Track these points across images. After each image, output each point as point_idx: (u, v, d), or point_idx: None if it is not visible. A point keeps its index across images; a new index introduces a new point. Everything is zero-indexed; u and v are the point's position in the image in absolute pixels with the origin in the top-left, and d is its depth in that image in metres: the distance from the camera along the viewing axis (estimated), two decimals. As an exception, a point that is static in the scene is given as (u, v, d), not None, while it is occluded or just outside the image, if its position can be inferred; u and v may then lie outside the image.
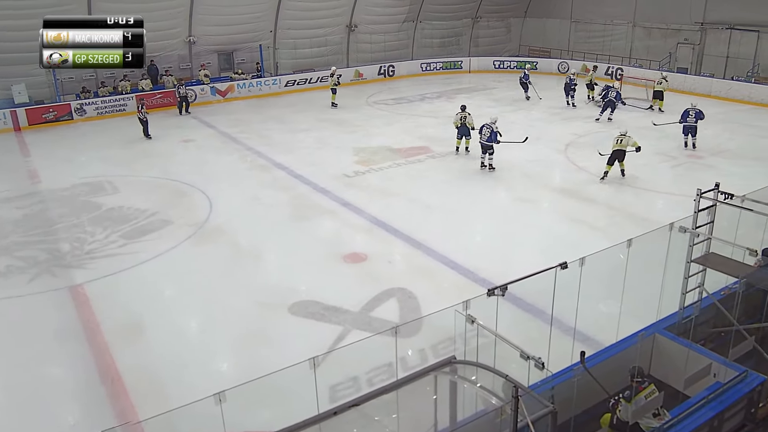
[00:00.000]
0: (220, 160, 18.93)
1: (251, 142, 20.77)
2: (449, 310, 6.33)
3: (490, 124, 17.17)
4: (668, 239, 7.93)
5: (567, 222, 13.90)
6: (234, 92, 27.66)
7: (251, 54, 29.46)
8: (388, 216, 14.16)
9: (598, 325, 9.09)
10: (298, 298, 10.64)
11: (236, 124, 23.08)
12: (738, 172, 16.66)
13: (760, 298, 7.84)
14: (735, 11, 28.34)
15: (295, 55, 30.87)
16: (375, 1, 32.08)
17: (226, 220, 14.18)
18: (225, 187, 16.38)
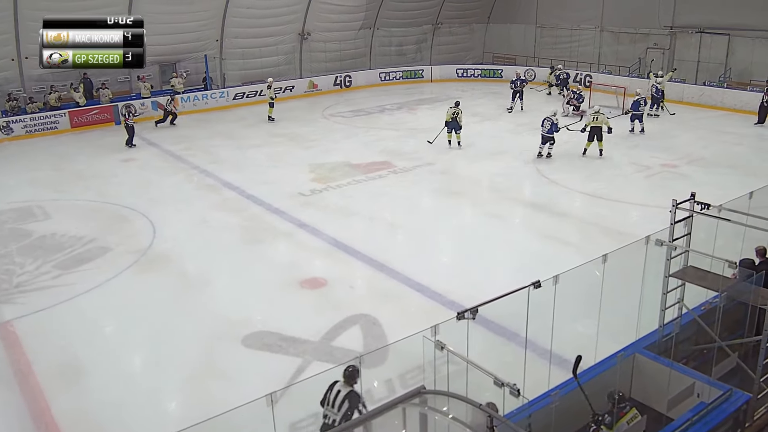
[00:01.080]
0: (163, 180, 18.69)
1: (197, 160, 20.57)
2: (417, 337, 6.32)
3: (551, 117, 19.43)
4: (645, 253, 8.09)
5: (539, 238, 14.08)
6: (178, 106, 27.37)
7: (196, 65, 29.28)
8: (349, 237, 14.14)
9: (575, 346, 9.14)
10: (253, 328, 10.50)
11: (181, 141, 22.85)
12: (714, 180, 17.15)
13: (742, 312, 8.03)
14: (705, 14, 29.36)
15: (243, 66, 30.81)
16: (329, 7, 32.26)
17: (171, 246, 13.97)
18: (170, 209, 16.16)
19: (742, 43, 28.72)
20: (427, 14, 36.81)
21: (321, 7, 31.99)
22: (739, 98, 26.55)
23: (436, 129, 23.21)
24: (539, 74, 33.39)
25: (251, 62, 31.02)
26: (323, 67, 33.57)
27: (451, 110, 21.20)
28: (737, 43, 28.91)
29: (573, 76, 32.04)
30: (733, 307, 8.12)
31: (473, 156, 20.39)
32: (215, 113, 27.41)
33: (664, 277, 8.20)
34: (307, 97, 30.95)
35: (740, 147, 20.85)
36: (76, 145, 23.01)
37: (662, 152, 20.29)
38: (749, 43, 28.42)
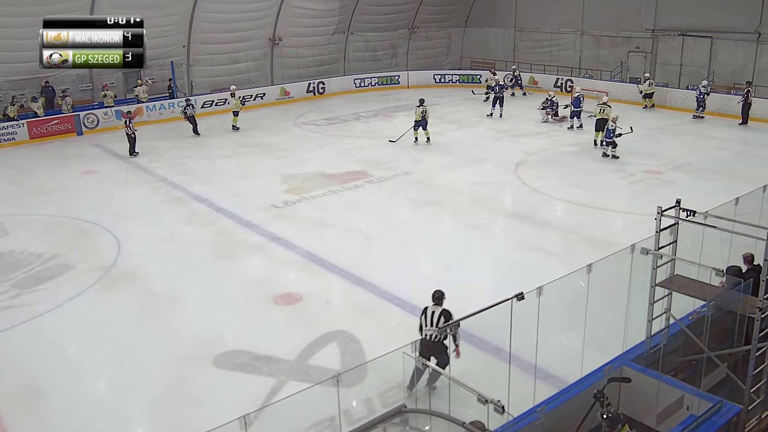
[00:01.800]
0: (128, 193, 18.52)
1: (164, 171, 20.43)
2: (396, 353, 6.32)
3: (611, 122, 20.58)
4: (630, 262, 8.17)
5: (521, 248, 14.16)
6: (143, 115, 27.20)
7: (162, 72, 29.12)
8: (324, 250, 14.10)
9: (560, 360, 9.23)
10: (225, 348, 10.41)
11: (146, 152, 22.67)
12: (699, 186, 17.40)
13: (730, 322, 8.13)
14: (687, 17, 29.87)
15: (212, 73, 30.70)
16: (301, 11, 32.31)
17: (137, 263, 13.83)
18: (135, 224, 16.01)
19: (724, 46, 29.25)
20: (402, 18, 37.01)
21: (293, 12, 32.02)
22: (723, 102, 27.00)
23: (412, 136, 23.31)
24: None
25: (220, 69, 30.90)
26: (295, 74, 33.56)
27: (419, 109, 22.60)
28: (720, 46, 29.44)
29: (554, 81, 32.41)
30: (722, 317, 8.22)
31: (452, 164, 20.48)
32: (182, 122, 27.20)
33: (651, 287, 8.28)
34: (278, 105, 30.92)
35: (725, 152, 21.20)
36: (34, 157, 22.74)
37: (646, 158, 20.55)
38: (732, 46, 28.95)
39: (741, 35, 28.38)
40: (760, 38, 27.90)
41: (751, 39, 28.13)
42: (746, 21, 27.97)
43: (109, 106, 26.64)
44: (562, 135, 24.10)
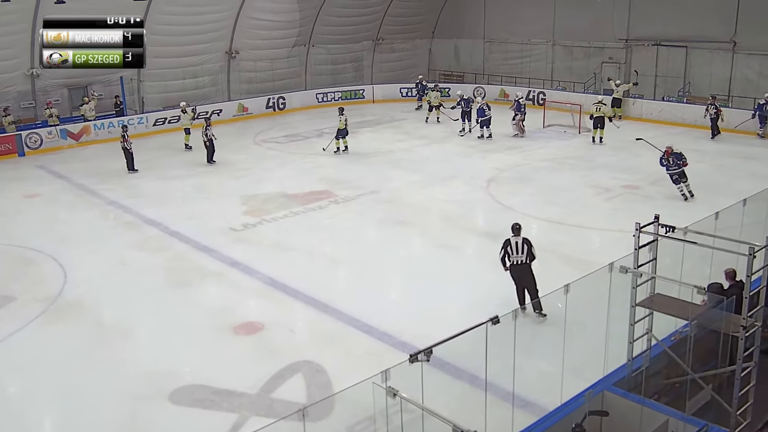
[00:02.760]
0: (75, 218, 18.25)
1: (114, 194, 20.18)
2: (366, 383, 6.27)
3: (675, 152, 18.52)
4: (609, 282, 8.25)
5: (495, 269, 14.16)
6: (90, 134, 26.89)
7: (110, 88, 28.85)
8: (287, 275, 14.02)
9: (539, 386, 9.25)
10: (181, 382, 10.26)
11: (94, 173, 22.39)
12: (678, 201, 17.71)
13: (714, 341, 8.24)
14: (661, 26, 30.56)
15: (164, 88, 30.50)
16: (259, 23, 32.34)
17: (85, 292, 13.60)
18: (82, 251, 15.76)
19: (700, 56, 29.97)
20: (366, 29, 37.25)
21: (250, 24, 32.03)
22: (700, 113, 27.57)
23: (378, 153, 23.41)
24: (489, 92, 34.10)
25: (173, 84, 30.72)
26: (254, 88, 33.51)
27: (343, 118, 23.77)
28: (695, 56, 30.15)
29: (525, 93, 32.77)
30: (705, 336, 8.33)
31: (421, 182, 20.57)
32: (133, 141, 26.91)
33: (631, 307, 8.37)
34: (236, 122, 30.80)
35: (702, 165, 21.59)
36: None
37: (623, 173, 20.86)
38: (707, 56, 29.67)
39: (716, 44, 29.12)
40: (736, 47, 28.65)
41: (727, 48, 28.87)
42: (721, 30, 28.70)
43: (54, 124, 26.28)
44: (536, 150, 24.36)
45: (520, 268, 11.79)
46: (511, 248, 11.86)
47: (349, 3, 34.47)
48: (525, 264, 11.76)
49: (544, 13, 34.67)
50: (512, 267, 11.85)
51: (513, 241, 11.86)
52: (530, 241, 11.90)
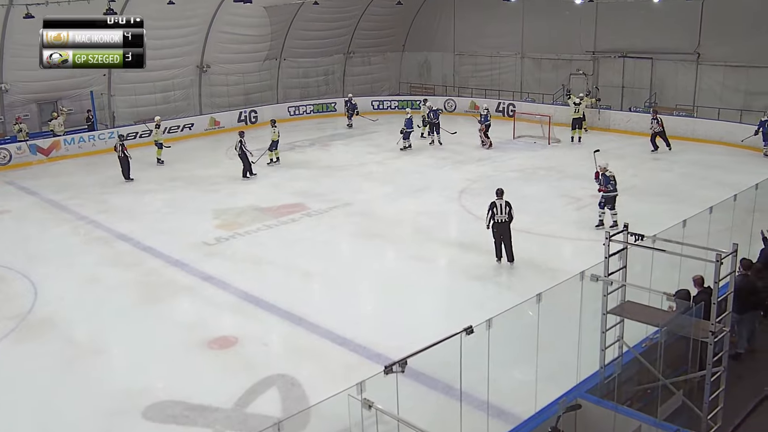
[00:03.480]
0: (45, 234, 18.01)
1: (85, 209, 19.95)
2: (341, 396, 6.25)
3: None
4: (580, 290, 8.32)
5: (468, 280, 14.28)
6: (60, 149, 26.59)
7: (80, 103, 28.58)
8: (261, 289, 13.96)
9: (513, 395, 9.29)
10: (155, 398, 10.16)
11: (64, 189, 22.14)
12: (646, 209, 17.91)
13: (684, 347, 8.34)
14: (626, 38, 31.10)
15: (135, 103, 30.30)
16: (230, 37, 32.27)
17: (56, 310, 13.42)
18: (53, 267, 15.57)
19: (665, 67, 30.51)
20: (338, 43, 37.35)
21: (221, 38, 31.96)
22: (666, 123, 27.98)
23: (350, 166, 23.43)
24: (460, 105, 34.35)
25: (144, 98, 30.52)
26: (225, 102, 33.41)
27: (276, 130, 24.51)
28: (660, 67, 30.69)
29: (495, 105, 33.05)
30: (675, 342, 8.43)
31: (393, 194, 20.62)
32: (104, 156, 26.70)
33: (602, 315, 8.44)
34: (208, 136, 30.65)
35: (670, 174, 21.93)
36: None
37: (591, 182, 20.95)
38: (672, 67, 30.20)
39: (681, 56, 29.65)
40: (700, 59, 29.20)
41: (691, 60, 29.41)
42: (686, 42, 29.26)
43: (23, 140, 25.94)
44: (506, 161, 24.53)
45: (501, 226, 14.51)
46: (496, 209, 14.43)
47: (320, 17, 34.50)
48: (505, 222, 14.48)
49: (513, 27, 35.07)
50: (495, 225, 14.53)
51: (498, 203, 14.46)
52: (510, 204, 14.51)
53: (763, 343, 10.37)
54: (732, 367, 8.50)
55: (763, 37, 27.02)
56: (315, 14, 33.66)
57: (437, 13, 37.92)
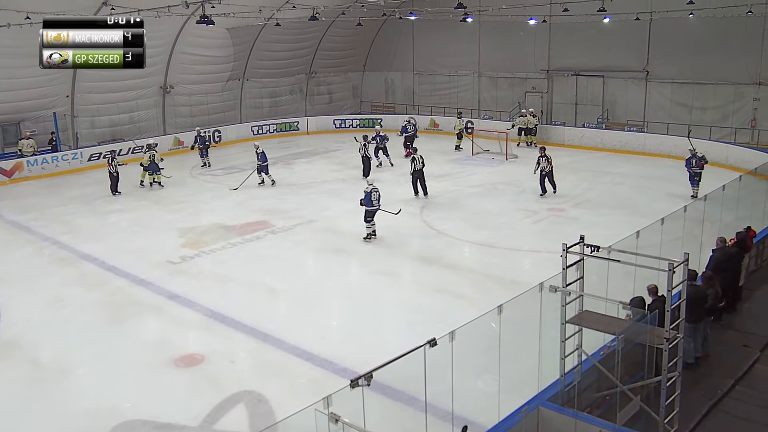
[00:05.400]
0: (7, 255, 17.60)
1: (48, 230, 19.57)
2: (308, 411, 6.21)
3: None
4: (539, 301, 8.39)
5: (431, 293, 14.31)
6: (23, 171, 26.08)
7: (44, 124, 28.07)
8: (226, 306, 13.82)
9: (477, 405, 9.31)
10: (122, 418, 9.97)
11: (27, 210, 21.70)
12: (600, 221, 18.20)
13: (640, 354, 8.45)
14: (578, 57, 31.80)
15: (99, 123, 29.91)
16: (193, 58, 32.08)
17: (20, 332, 13.11)
18: (16, 289, 15.22)
19: (616, 84, 31.21)
20: (300, 63, 37.42)
21: (184, 58, 31.75)
22: (618, 138, 28.61)
23: (314, 183, 23.38)
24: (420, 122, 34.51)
25: (108, 119, 30.18)
26: (188, 122, 33.08)
27: (148, 154, 24.12)
28: (611, 85, 31.38)
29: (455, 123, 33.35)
30: (632, 349, 8.53)
31: (356, 211, 20.53)
32: (67, 177, 26.30)
33: (561, 324, 8.52)
34: (172, 155, 30.31)
35: (623, 187, 22.30)
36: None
37: (548, 196, 21.34)
38: (622, 84, 30.89)
39: (631, 74, 30.34)
40: (649, 76, 29.90)
41: (641, 77, 30.11)
42: (635, 60, 30.03)
43: (-16, 162, 25.42)
44: (466, 177, 24.73)
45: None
46: None
47: (282, 38, 34.54)
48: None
49: (470, 47, 35.55)
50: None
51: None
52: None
53: (715, 349, 10.56)
54: (687, 372, 8.64)
55: (707, 56, 27.92)
56: (277, 35, 33.69)
57: (397, 33, 38.24)
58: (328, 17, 32.57)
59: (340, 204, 21.40)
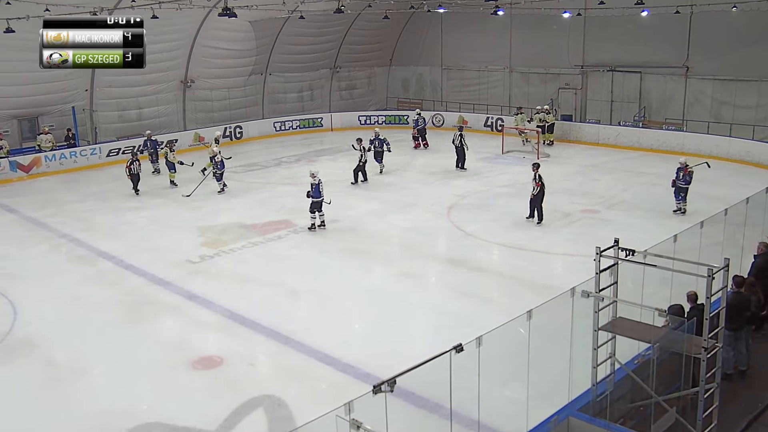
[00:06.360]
0: (24, 252, 17.87)
1: (66, 227, 19.83)
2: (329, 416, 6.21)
3: None
4: (571, 306, 8.32)
5: (458, 297, 14.27)
6: (40, 166, 26.45)
7: (62, 119, 28.45)
8: (246, 308, 13.89)
9: (504, 413, 9.26)
10: (138, 420, 10.07)
11: (45, 206, 22.01)
12: (636, 224, 18.04)
13: (676, 363, 8.35)
14: (615, 52, 31.41)
15: (118, 119, 30.21)
16: (214, 51, 32.29)
17: (36, 330, 13.29)
18: (33, 286, 15.44)
19: (654, 81, 30.81)
20: (324, 57, 37.47)
21: (205, 52, 31.96)
22: (655, 137, 28.29)
23: (338, 181, 23.41)
24: (448, 120, 34.47)
25: (127, 114, 30.46)
26: (210, 118, 33.36)
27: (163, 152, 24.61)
28: (649, 81, 30.99)
29: (484, 119, 33.28)
30: (668, 359, 8.44)
31: (382, 210, 20.63)
32: (86, 172, 26.62)
33: (594, 331, 8.45)
34: (192, 152, 30.53)
35: (660, 188, 22.03)
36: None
37: (581, 197, 21.19)
38: (661, 81, 30.51)
39: (670, 69, 29.96)
40: (689, 72, 29.51)
41: (680, 73, 29.72)
42: (674, 55, 29.60)
43: (3, 157, 25.78)
44: (496, 176, 24.63)
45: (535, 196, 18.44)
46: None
47: (306, 31, 34.63)
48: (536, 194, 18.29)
49: (501, 41, 35.34)
50: None
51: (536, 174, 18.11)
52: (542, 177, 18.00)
53: (756, 359, 10.40)
54: (726, 383, 8.52)
55: (750, 51, 27.44)
56: (301, 29, 33.77)
57: (424, 27, 38.14)
58: (354, 10, 32.54)
59: (364, 204, 21.43)
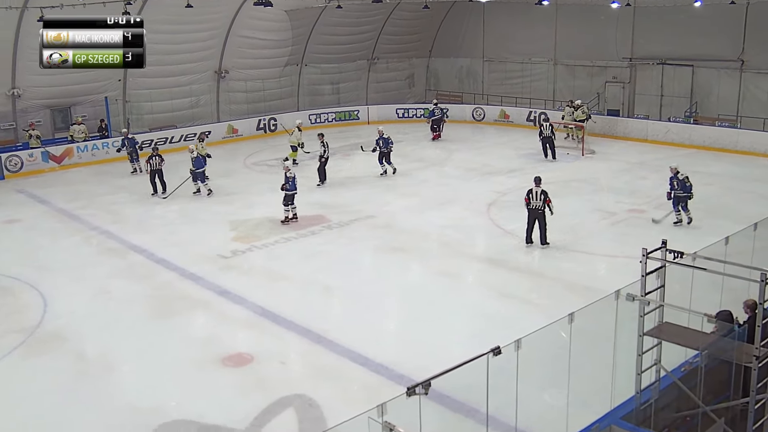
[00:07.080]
0: (56, 244, 18.20)
1: (97, 219, 20.15)
2: (361, 418, 6.23)
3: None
4: (615, 310, 8.23)
5: (496, 298, 14.20)
6: (72, 157, 26.91)
7: (94, 109, 28.88)
8: (278, 305, 13.97)
9: (543, 420, 9.20)
10: (167, 417, 10.19)
11: (76, 198, 22.39)
12: (685, 226, 17.73)
13: (726, 372, 8.22)
14: (665, 45, 30.90)
15: (151, 109, 30.58)
16: (249, 41, 32.51)
17: (66, 323, 13.52)
18: (64, 279, 15.70)
19: (706, 75, 30.25)
20: (361, 48, 37.49)
21: (240, 42, 32.19)
22: (708, 134, 27.79)
23: (374, 176, 23.43)
24: (489, 114, 34.26)
25: (160, 105, 30.81)
26: (244, 109, 33.58)
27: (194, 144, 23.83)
28: (701, 75, 30.42)
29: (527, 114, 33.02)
30: (717, 367, 8.31)
31: (419, 206, 20.58)
32: (117, 164, 26.99)
33: (638, 336, 8.34)
34: (225, 144, 30.83)
35: (711, 187, 21.65)
36: None
37: (628, 196, 20.92)
38: (714, 75, 29.94)
39: (723, 63, 29.39)
40: (744, 66, 28.91)
41: (734, 67, 29.13)
42: (728, 48, 29.01)
43: (35, 147, 26.27)
44: (538, 173, 24.38)
45: (535, 212, 16.50)
46: (532, 195, 16.48)
47: (343, 21, 34.69)
48: (540, 210, 16.45)
49: (545, 32, 34.96)
50: (530, 211, 16.54)
51: (534, 191, 16.49)
52: (546, 192, 16.47)
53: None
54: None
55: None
56: (338, 18, 33.84)
57: (465, 17, 37.93)
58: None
59: (401, 199, 21.42)
